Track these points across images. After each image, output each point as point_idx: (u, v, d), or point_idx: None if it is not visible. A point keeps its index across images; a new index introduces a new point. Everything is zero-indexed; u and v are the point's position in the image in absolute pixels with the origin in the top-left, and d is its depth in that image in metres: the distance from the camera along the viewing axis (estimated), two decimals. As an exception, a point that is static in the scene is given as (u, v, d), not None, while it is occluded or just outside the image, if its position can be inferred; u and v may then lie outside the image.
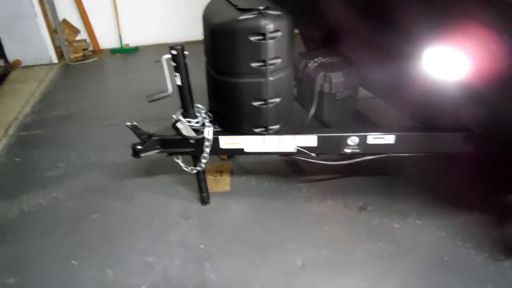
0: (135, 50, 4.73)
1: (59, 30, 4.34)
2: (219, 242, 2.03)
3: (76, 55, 4.50)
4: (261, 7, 1.61)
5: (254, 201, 2.28)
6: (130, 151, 2.05)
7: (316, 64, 2.09)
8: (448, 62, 1.52)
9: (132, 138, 2.76)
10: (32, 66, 4.37)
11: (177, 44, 1.70)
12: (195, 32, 4.92)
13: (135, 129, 1.91)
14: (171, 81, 1.86)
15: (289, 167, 2.56)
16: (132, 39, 4.76)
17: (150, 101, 1.82)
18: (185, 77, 1.78)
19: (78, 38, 4.62)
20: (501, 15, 1.19)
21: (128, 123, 1.91)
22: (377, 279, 1.81)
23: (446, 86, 1.63)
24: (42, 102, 3.60)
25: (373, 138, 1.89)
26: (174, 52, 1.70)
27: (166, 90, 1.82)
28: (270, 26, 1.58)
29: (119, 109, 3.41)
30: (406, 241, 2.00)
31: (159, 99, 1.82)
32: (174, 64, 1.75)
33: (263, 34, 1.60)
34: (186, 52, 1.74)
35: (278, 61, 1.70)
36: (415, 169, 2.45)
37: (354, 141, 1.90)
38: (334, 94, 2.06)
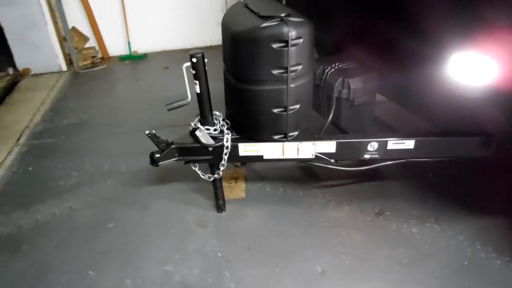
0: (144, 57, 4.75)
1: (69, 37, 4.37)
2: (237, 250, 2.02)
3: (85, 63, 4.52)
4: (283, 14, 1.61)
5: (270, 208, 2.28)
6: (144, 158, 2.05)
7: (333, 70, 2.09)
8: (471, 67, 1.52)
9: (144, 145, 2.76)
10: (42, 74, 4.40)
11: (197, 52, 1.70)
12: (204, 38, 5.02)
13: (153, 137, 1.91)
14: (190, 89, 1.85)
15: (303, 173, 2.55)
16: (140, 46, 4.79)
17: (169, 110, 1.82)
18: (204, 85, 1.78)
19: (87, 45, 4.65)
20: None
21: (147, 131, 1.91)
22: (398, 285, 1.79)
23: (468, 91, 1.62)
24: (53, 110, 3.62)
25: (393, 144, 1.88)
26: (194, 59, 1.69)
27: (185, 98, 1.81)
28: (292, 33, 1.57)
29: (130, 116, 3.42)
30: (425, 246, 1.98)
31: (178, 107, 1.82)
32: (193, 71, 1.74)
33: (286, 41, 1.59)
34: (205, 60, 1.74)
35: (299, 67, 1.70)
36: (430, 173, 2.44)
37: (373, 146, 1.89)
38: (352, 100, 2.05)
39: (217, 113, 2.00)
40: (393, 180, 2.41)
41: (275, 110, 1.79)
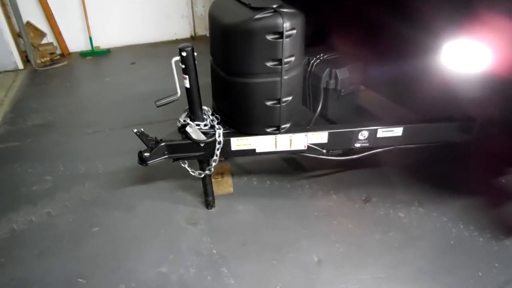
0: (107, 52, 4.55)
1: (24, 33, 4.08)
2: (231, 245, 1.99)
3: (43, 60, 4.25)
4: (275, 5, 1.58)
5: (259, 201, 2.27)
6: (122, 158, 1.96)
7: (319, 60, 2.09)
8: (456, 54, 1.58)
9: (120, 144, 2.68)
10: (-5, 73, 4.09)
11: (187, 45, 1.64)
12: (169, 32, 4.89)
13: (142, 135, 1.83)
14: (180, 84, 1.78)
15: (288, 164, 2.56)
16: (103, 41, 4.58)
17: (158, 106, 1.75)
18: (194, 80, 1.73)
19: (44, 41, 4.37)
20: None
21: (135, 130, 1.83)
22: (393, 269, 1.85)
23: (453, 77, 1.69)
24: (14, 111, 3.38)
25: (383, 132, 1.92)
26: (184, 53, 1.63)
27: (174, 93, 1.75)
28: (287, 24, 1.55)
29: (101, 115, 3.27)
30: (414, 229, 2.06)
31: (168, 103, 1.75)
32: (183, 66, 1.68)
33: (280, 33, 1.57)
34: (195, 54, 1.68)
35: (292, 59, 1.68)
36: (410, 159, 2.52)
37: (364, 135, 1.93)
38: (339, 90, 2.07)
39: (205, 108, 1.95)
40: (377, 167, 2.48)
41: (268, 103, 1.78)
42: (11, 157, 2.75)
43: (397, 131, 1.92)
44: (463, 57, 1.60)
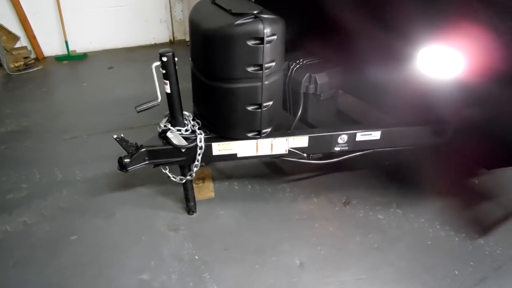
0: (83, 56, 4.47)
1: (-4, 37, 3.97)
2: (213, 250, 1.99)
3: (16, 64, 4.14)
4: (255, 11, 1.60)
5: (241, 206, 2.27)
6: (100, 164, 1.93)
7: (298, 66, 2.12)
8: (432, 59, 1.63)
9: (98, 150, 2.63)
10: (-34, 78, 3.95)
11: (167, 50, 1.63)
12: (147, 36, 4.84)
13: (122, 141, 1.81)
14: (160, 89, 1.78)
15: (269, 169, 2.58)
16: (79, 45, 4.49)
17: (139, 111, 1.73)
18: (175, 85, 1.72)
19: (18, 45, 4.25)
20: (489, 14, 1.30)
21: (115, 136, 1.80)
22: (373, 270, 1.89)
23: (427, 82, 1.74)
24: (-14, 117, 3.27)
25: (361, 135, 1.96)
26: (164, 59, 1.63)
27: (155, 98, 1.74)
28: (267, 30, 1.57)
29: (78, 120, 3.20)
30: (392, 230, 2.11)
31: (148, 108, 1.74)
32: (163, 71, 1.68)
33: (261, 39, 1.59)
34: (176, 59, 1.68)
35: (273, 64, 1.70)
36: (388, 161, 2.58)
37: (343, 139, 1.96)
38: (319, 95, 2.11)
39: (186, 113, 1.95)
40: (355, 170, 2.52)
41: (250, 108, 1.79)
42: (-16, 164, 2.66)
43: (375, 134, 1.97)
44: (437, 63, 1.66)
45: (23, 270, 1.89)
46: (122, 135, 1.84)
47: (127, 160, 1.84)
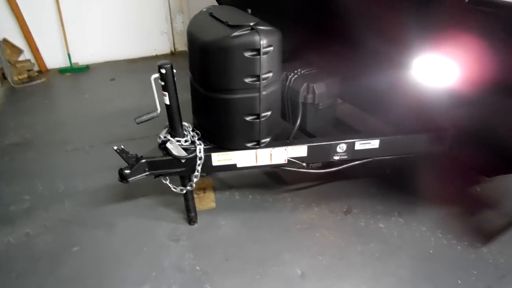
0: (86, 69, 4.52)
1: (0, 50, 4.02)
2: (214, 261, 1.99)
3: (20, 77, 4.19)
4: (252, 23, 1.62)
5: (242, 216, 2.27)
6: (102, 175, 1.95)
7: (296, 76, 2.14)
8: (430, 68, 1.64)
9: (100, 162, 2.64)
10: (-29, 91, 4.01)
11: (166, 62, 1.66)
12: (149, 48, 4.90)
13: (122, 152, 1.82)
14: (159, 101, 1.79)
15: (270, 178, 2.58)
16: (81, 58, 4.55)
17: (138, 123, 1.75)
18: (174, 96, 1.74)
19: (21, 58, 4.31)
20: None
21: (115, 147, 1.82)
22: (375, 280, 1.87)
23: (426, 91, 1.75)
24: (-10, 130, 3.31)
25: (360, 144, 1.97)
26: (163, 71, 1.65)
27: (154, 110, 1.75)
28: (264, 41, 1.60)
29: (80, 132, 3.23)
30: (394, 239, 2.10)
31: (148, 120, 1.76)
32: (162, 83, 1.70)
33: (257, 50, 1.61)
34: (174, 71, 1.70)
35: (270, 75, 1.72)
36: (389, 169, 2.58)
37: (342, 148, 1.97)
38: (317, 104, 2.12)
39: (186, 124, 1.96)
40: (356, 179, 2.52)
41: (248, 118, 1.80)
42: (-13, 176, 2.69)
43: (374, 143, 1.97)
44: (433, 71, 1.66)
45: (25, 282, 1.90)
46: (122, 146, 1.86)
47: (127, 171, 1.85)
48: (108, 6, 4.47)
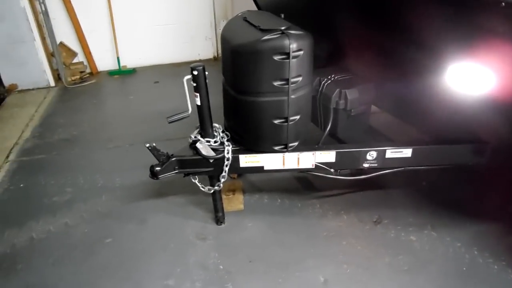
0: (132, 71, 4.75)
1: (57, 53, 4.34)
2: (238, 262, 2.01)
3: (73, 78, 4.48)
4: (283, 27, 1.64)
5: (269, 219, 2.28)
6: (138, 173, 2.02)
7: (330, 81, 2.13)
8: (468, 76, 1.58)
9: (138, 159, 2.74)
10: (29, 90, 4.34)
11: (198, 65, 1.71)
12: (193, 52, 5.05)
13: (154, 150, 1.90)
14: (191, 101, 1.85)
15: (300, 183, 2.57)
16: (129, 61, 4.79)
17: (170, 122, 1.82)
18: (205, 98, 1.80)
19: (75, 60, 4.62)
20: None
21: (147, 144, 1.90)
22: (400, 293, 1.81)
23: (464, 100, 1.68)
24: (42, 126, 3.56)
25: (391, 152, 1.92)
26: (195, 72, 1.71)
27: (186, 110, 1.82)
28: (293, 45, 1.61)
29: (122, 131, 3.40)
30: (424, 253, 2.01)
31: (179, 119, 1.82)
32: (194, 84, 1.75)
33: (287, 54, 1.63)
34: (206, 73, 1.75)
35: (300, 79, 1.73)
36: (425, 181, 2.48)
37: (372, 155, 1.93)
38: (349, 111, 2.10)
39: (216, 125, 2.01)
40: (389, 188, 2.45)
41: (276, 121, 1.82)
42: (36, 169, 2.89)
43: (406, 152, 1.91)
44: (471, 79, 1.59)
45: (60, 269, 2.02)
46: (154, 144, 1.94)
47: (158, 168, 1.93)
48: (156, 12, 4.69)
